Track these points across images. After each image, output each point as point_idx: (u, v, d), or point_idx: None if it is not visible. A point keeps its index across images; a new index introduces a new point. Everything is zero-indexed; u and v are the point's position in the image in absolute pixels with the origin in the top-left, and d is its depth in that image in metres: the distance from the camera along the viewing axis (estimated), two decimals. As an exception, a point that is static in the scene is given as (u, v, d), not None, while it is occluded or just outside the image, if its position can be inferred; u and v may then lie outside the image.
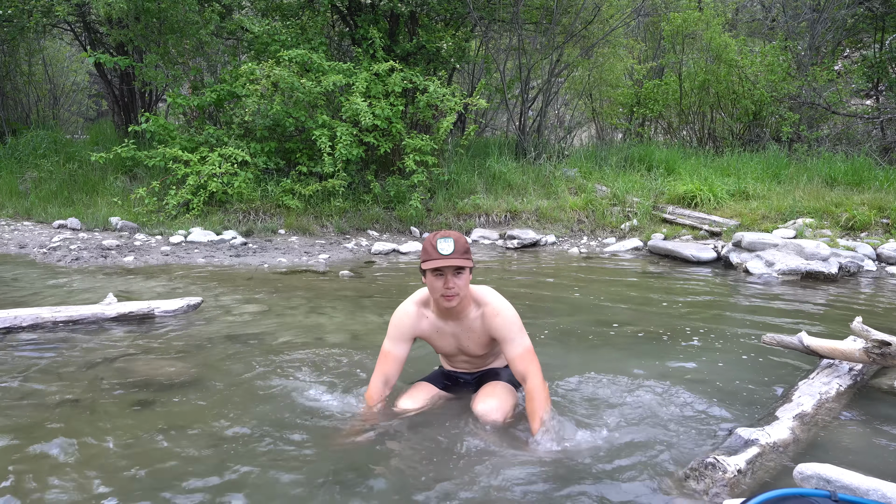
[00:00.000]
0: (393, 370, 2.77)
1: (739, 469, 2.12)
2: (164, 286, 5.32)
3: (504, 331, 2.64)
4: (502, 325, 2.64)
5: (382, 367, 2.77)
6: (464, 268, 2.56)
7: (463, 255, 2.54)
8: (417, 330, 2.78)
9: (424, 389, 2.89)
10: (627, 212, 8.38)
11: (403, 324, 2.77)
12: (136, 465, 2.32)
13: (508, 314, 2.66)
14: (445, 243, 2.52)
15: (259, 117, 8.32)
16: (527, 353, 2.60)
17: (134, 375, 3.23)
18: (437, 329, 2.77)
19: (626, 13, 11.58)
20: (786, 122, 10.70)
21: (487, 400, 2.71)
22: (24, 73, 12.80)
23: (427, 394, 2.87)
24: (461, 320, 2.72)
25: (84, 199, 8.54)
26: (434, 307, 2.72)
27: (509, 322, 2.64)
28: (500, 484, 2.22)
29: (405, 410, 2.76)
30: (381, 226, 8.36)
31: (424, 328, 2.78)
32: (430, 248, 2.55)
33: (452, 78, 10.75)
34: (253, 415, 2.76)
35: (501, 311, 2.66)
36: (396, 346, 2.76)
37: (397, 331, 2.77)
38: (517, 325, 2.65)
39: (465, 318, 2.71)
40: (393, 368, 2.77)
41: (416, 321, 2.77)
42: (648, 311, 4.73)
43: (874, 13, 12.09)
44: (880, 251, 6.55)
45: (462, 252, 2.54)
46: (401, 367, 2.79)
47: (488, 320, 2.66)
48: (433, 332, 2.78)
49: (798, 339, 3.22)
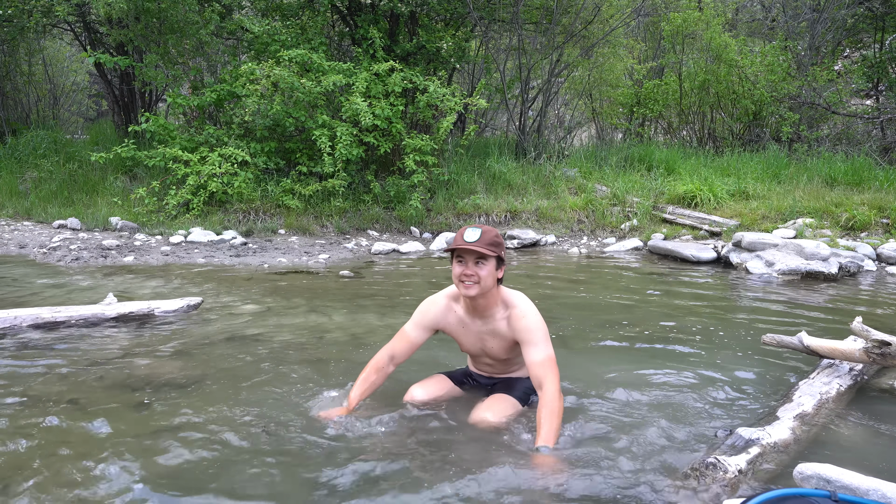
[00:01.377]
0: (403, 350, 2.79)
1: (740, 469, 2.12)
2: (164, 286, 5.32)
3: (528, 334, 2.61)
4: (526, 329, 2.61)
5: (394, 344, 2.80)
6: (487, 257, 2.53)
7: (487, 245, 2.52)
8: (442, 322, 2.78)
9: (439, 382, 2.91)
10: (627, 212, 8.38)
11: (429, 312, 2.79)
12: (135, 464, 2.31)
13: (534, 319, 2.63)
14: (473, 232, 2.54)
15: (259, 117, 8.32)
16: (547, 361, 2.56)
17: (134, 375, 3.23)
18: (462, 325, 2.75)
19: (626, 13, 11.59)
20: (786, 122, 10.71)
21: (483, 412, 2.68)
22: (24, 73, 12.80)
23: (440, 387, 2.88)
24: (486, 319, 2.69)
25: (84, 199, 8.54)
26: (462, 303, 2.71)
27: (534, 327, 2.61)
28: (496, 487, 2.22)
29: (413, 399, 2.80)
30: (381, 226, 8.36)
31: (450, 322, 2.77)
32: (459, 235, 2.57)
33: (452, 78, 10.75)
34: (253, 415, 2.76)
35: (528, 314, 2.63)
36: (415, 330, 2.79)
37: (421, 317, 2.80)
38: (542, 331, 2.62)
39: (492, 319, 2.68)
40: (403, 348, 2.79)
41: (442, 313, 2.78)
42: (648, 310, 4.73)
43: (874, 13, 12.10)
44: (880, 251, 6.55)
45: (487, 242, 2.53)
46: (411, 351, 2.81)
47: (514, 322, 2.64)
48: (458, 328, 2.77)
49: (798, 339, 3.22)
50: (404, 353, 2.80)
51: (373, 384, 2.76)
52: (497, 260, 2.58)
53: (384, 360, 2.77)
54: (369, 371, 2.76)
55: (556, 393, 2.51)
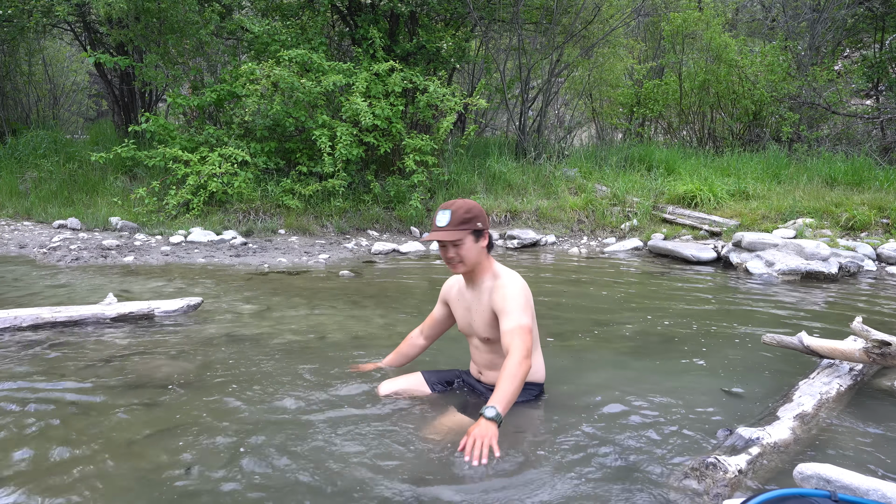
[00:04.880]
0: (429, 324, 3.02)
1: (740, 469, 2.12)
2: (165, 286, 5.32)
3: (503, 303, 2.51)
4: (503, 298, 2.52)
5: (424, 322, 3.05)
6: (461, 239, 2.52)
7: (457, 227, 2.51)
8: (448, 295, 2.89)
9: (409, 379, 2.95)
10: (627, 212, 8.38)
11: (445, 285, 2.95)
12: (135, 465, 2.31)
13: (513, 289, 2.53)
14: (442, 215, 2.55)
15: (259, 117, 8.32)
16: (518, 329, 2.41)
17: (134, 375, 3.22)
18: (461, 295, 2.80)
19: (626, 13, 11.59)
20: (786, 122, 10.71)
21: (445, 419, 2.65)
22: (24, 73, 12.81)
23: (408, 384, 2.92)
24: (476, 289, 2.68)
25: (84, 199, 8.55)
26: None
27: (512, 296, 2.51)
28: (490, 486, 2.22)
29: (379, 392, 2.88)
30: (381, 226, 8.36)
31: (453, 293, 2.86)
32: (433, 218, 2.60)
33: (452, 78, 10.76)
34: (252, 415, 2.76)
35: (508, 284, 2.56)
36: (438, 306, 2.98)
37: (442, 292, 2.96)
38: (520, 301, 2.50)
39: (479, 289, 2.67)
40: (428, 323, 3.02)
41: (452, 284, 2.90)
42: (648, 310, 4.73)
43: (874, 13, 12.10)
44: (880, 251, 6.55)
45: (457, 223, 2.52)
46: (437, 327, 3.01)
47: (494, 292, 2.58)
48: (456, 299, 2.83)
49: (798, 339, 3.21)
50: (429, 328, 3.02)
51: (403, 354, 3.11)
52: (474, 234, 2.54)
53: (415, 333, 3.08)
54: (401, 344, 3.12)
55: (521, 359, 2.31)
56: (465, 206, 2.56)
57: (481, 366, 2.82)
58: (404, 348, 3.11)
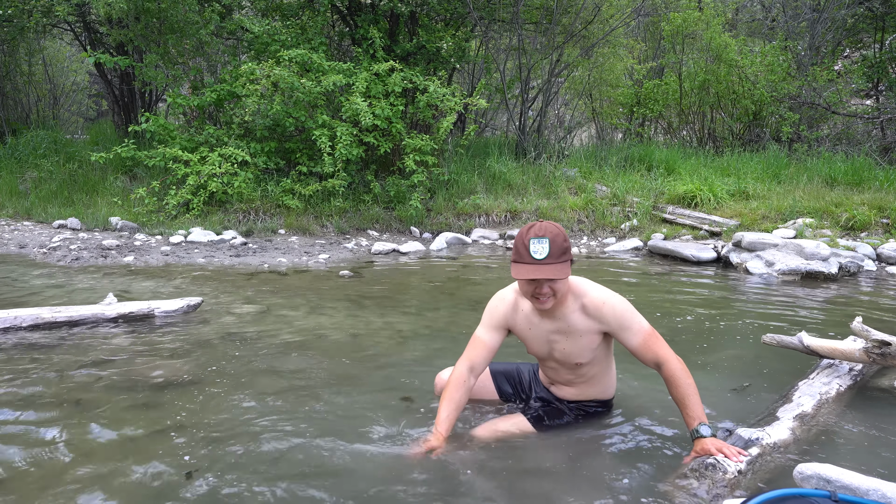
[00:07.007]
0: (481, 357, 2.48)
1: (740, 469, 2.12)
2: (165, 286, 5.32)
3: (617, 319, 2.33)
4: (613, 314, 2.33)
5: (470, 353, 2.49)
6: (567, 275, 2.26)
7: (559, 259, 2.20)
8: (511, 321, 2.49)
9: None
10: (627, 212, 8.38)
11: (498, 311, 2.51)
12: (135, 465, 2.31)
13: (615, 300, 2.35)
14: (539, 244, 2.19)
15: (259, 117, 8.32)
16: (651, 337, 2.32)
17: (133, 375, 3.23)
18: (530, 324, 2.46)
19: (626, 13, 11.59)
20: (786, 122, 10.71)
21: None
22: (24, 73, 12.81)
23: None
24: (557, 318, 2.41)
25: (84, 199, 8.55)
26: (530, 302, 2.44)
27: (620, 309, 2.34)
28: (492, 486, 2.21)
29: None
30: (381, 226, 8.36)
31: (518, 321, 2.49)
32: (522, 248, 2.22)
33: (452, 78, 10.76)
34: (252, 415, 2.76)
35: (607, 299, 2.36)
36: (488, 333, 2.50)
37: (490, 317, 2.51)
38: (629, 308, 2.35)
39: (563, 317, 2.39)
40: (481, 355, 2.48)
41: (510, 310, 2.49)
42: (648, 310, 4.71)
43: (874, 13, 12.10)
44: (880, 251, 6.55)
45: (558, 255, 2.20)
46: (490, 356, 2.51)
47: (594, 312, 2.35)
48: (526, 328, 2.48)
49: (798, 338, 3.21)
50: (483, 360, 2.50)
51: (459, 403, 2.43)
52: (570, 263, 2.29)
53: (464, 373, 2.46)
54: (451, 389, 2.42)
55: (679, 364, 2.27)
56: (561, 233, 2.25)
57: (558, 382, 2.65)
58: (456, 395, 2.42)
